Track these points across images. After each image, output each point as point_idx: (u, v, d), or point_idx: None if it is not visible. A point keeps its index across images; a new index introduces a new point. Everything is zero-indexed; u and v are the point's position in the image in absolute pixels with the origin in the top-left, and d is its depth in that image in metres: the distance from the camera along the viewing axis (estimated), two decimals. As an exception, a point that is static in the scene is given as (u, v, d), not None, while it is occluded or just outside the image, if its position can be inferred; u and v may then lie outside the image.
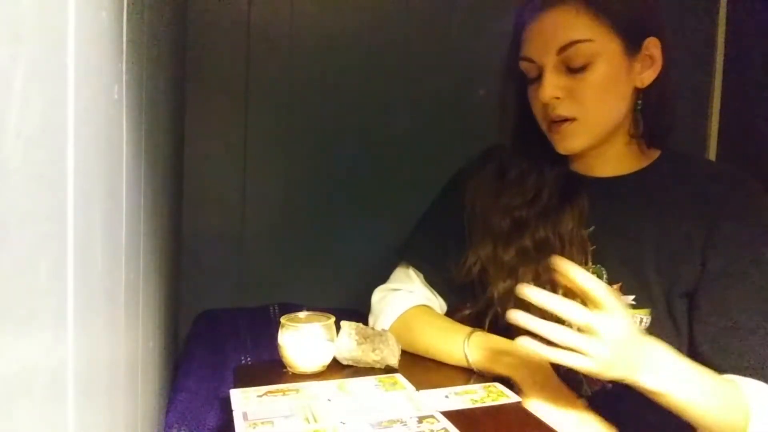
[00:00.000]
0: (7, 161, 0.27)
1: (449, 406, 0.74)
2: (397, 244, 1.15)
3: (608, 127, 0.89)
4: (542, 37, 0.85)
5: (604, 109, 0.87)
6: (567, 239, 0.89)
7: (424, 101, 1.98)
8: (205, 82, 1.80)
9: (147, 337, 0.83)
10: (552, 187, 0.94)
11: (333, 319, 0.88)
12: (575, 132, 0.87)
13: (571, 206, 0.91)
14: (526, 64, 0.88)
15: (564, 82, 0.84)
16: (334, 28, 1.91)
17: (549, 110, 0.86)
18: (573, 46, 0.83)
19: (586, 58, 0.83)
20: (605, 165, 0.93)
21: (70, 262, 0.38)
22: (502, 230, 0.94)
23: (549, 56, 0.84)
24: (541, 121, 0.90)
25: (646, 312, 0.85)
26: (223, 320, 1.65)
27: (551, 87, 0.84)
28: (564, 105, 0.85)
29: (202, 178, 1.83)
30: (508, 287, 0.90)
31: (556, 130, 0.88)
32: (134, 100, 0.64)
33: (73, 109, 0.38)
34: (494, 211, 0.96)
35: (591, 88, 0.84)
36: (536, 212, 0.93)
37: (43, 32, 0.33)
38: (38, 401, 0.33)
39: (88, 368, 0.44)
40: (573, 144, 0.88)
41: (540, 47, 0.85)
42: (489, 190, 0.98)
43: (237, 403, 0.73)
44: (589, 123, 0.86)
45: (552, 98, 0.85)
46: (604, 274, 0.88)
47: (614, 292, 0.75)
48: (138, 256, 0.71)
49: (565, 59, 0.84)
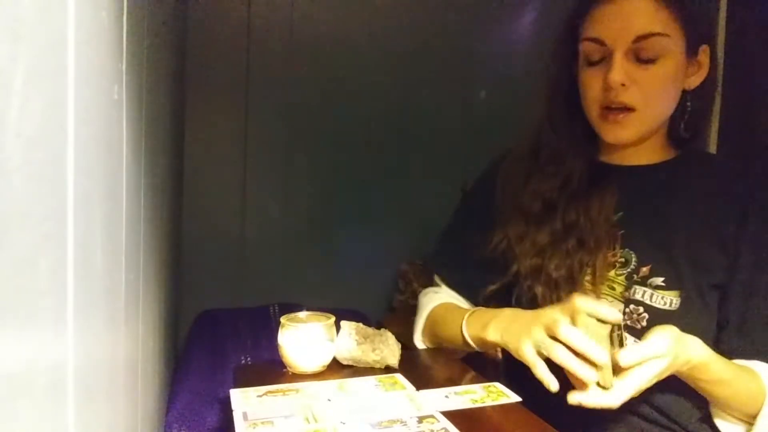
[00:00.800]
0: (7, 161, 0.27)
1: (449, 406, 0.74)
2: (397, 245, 1.16)
3: (659, 122, 0.90)
4: (619, 21, 0.85)
5: (662, 104, 0.88)
6: (596, 223, 0.90)
7: (425, 101, 1.98)
8: (205, 82, 1.80)
9: (147, 337, 0.83)
10: (582, 175, 0.94)
11: (333, 319, 0.88)
12: (631, 122, 0.87)
13: (600, 194, 0.92)
14: (592, 45, 0.87)
15: (633, 70, 0.85)
16: (333, 28, 1.91)
17: (611, 96, 0.85)
18: (651, 37, 0.83)
19: (657, 52, 0.84)
20: (637, 155, 0.94)
21: (70, 262, 0.38)
22: (532, 211, 0.95)
23: (624, 41, 0.84)
24: (591, 106, 0.89)
25: (675, 294, 0.85)
26: (223, 320, 1.65)
27: (622, 73, 0.84)
28: (628, 93, 0.85)
29: (202, 178, 1.83)
30: (535, 265, 0.92)
31: (612, 119, 0.87)
32: (134, 100, 0.64)
33: (73, 109, 0.38)
34: (525, 192, 0.97)
35: (657, 81, 0.85)
36: (566, 196, 0.94)
37: (43, 32, 0.33)
38: (38, 401, 0.33)
39: (88, 368, 0.44)
40: (625, 134, 0.88)
41: (616, 31, 0.85)
42: (520, 170, 0.99)
43: (237, 403, 0.73)
44: (646, 115, 0.87)
45: (619, 84, 0.84)
46: (633, 258, 0.89)
47: (651, 345, 0.74)
48: (138, 256, 0.71)
49: (638, 48, 0.84)
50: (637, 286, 0.87)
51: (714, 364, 0.77)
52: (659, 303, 0.85)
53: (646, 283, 0.86)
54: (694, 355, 0.76)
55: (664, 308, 0.85)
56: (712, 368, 0.77)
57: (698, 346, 0.77)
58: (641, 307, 0.86)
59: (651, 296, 0.86)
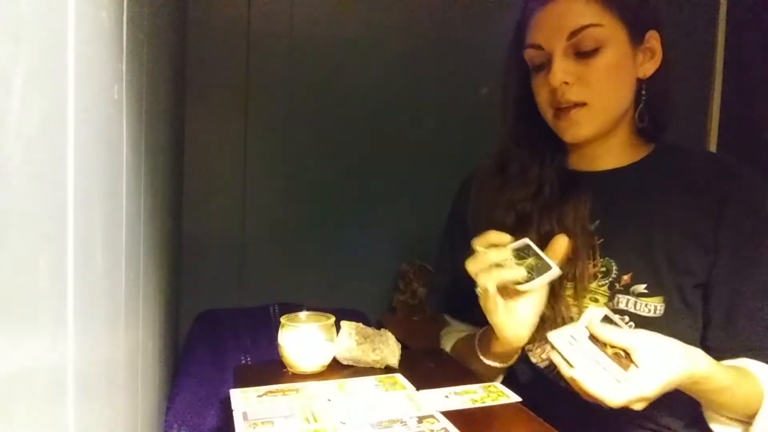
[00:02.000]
0: (7, 161, 0.27)
1: (449, 406, 0.74)
2: (398, 245, 1.16)
3: (615, 114, 0.89)
4: (552, 23, 0.86)
5: (612, 95, 0.88)
6: (572, 232, 0.89)
7: (425, 101, 1.98)
8: (205, 82, 1.80)
9: (147, 337, 0.83)
10: (553, 184, 0.94)
11: (333, 319, 0.88)
12: (584, 118, 0.87)
13: (574, 202, 0.92)
14: (533, 51, 0.89)
15: (573, 67, 0.85)
16: (333, 28, 1.91)
17: (558, 96, 0.86)
18: (584, 30, 0.84)
19: (596, 43, 0.84)
20: (606, 157, 0.93)
21: (70, 262, 0.38)
22: (506, 224, 0.94)
23: (559, 41, 0.85)
24: (546, 110, 0.90)
25: (659, 300, 0.84)
26: (223, 320, 1.65)
27: (561, 71, 0.85)
28: (574, 90, 0.85)
29: (202, 178, 1.83)
30: None
31: (564, 117, 0.87)
32: (134, 100, 0.64)
33: (73, 109, 0.38)
34: (497, 205, 0.96)
35: (600, 73, 0.85)
36: (539, 207, 0.93)
37: (43, 32, 0.33)
38: (38, 401, 0.33)
39: (88, 368, 0.44)
40: (581, 131, 0.88)
41: (550, 33, 0.86)
42: (491, 184, 0.98)
43: (237, 403, 0.73)
44: (597, 108, 0.87)
45: (562, 83, 0.85)
46: (613, 266, 0.88)
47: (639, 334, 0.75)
48: (138, 256, 0.71)
49: (575, 44, 0.84)
50: (620, 295, 0.86)
51: (716, 374, 0.75)
52: (643, 311, 0.84)
53: (628, 291, 0.86)
54: (697, 368, 0.74)
55: (648, 316, 0.84)
56: (715, 378, 0.75)
57: (701, 358, 0.75)
58: (626, 316, 0.85)
59: (635, 304, 0.85)
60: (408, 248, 1.95)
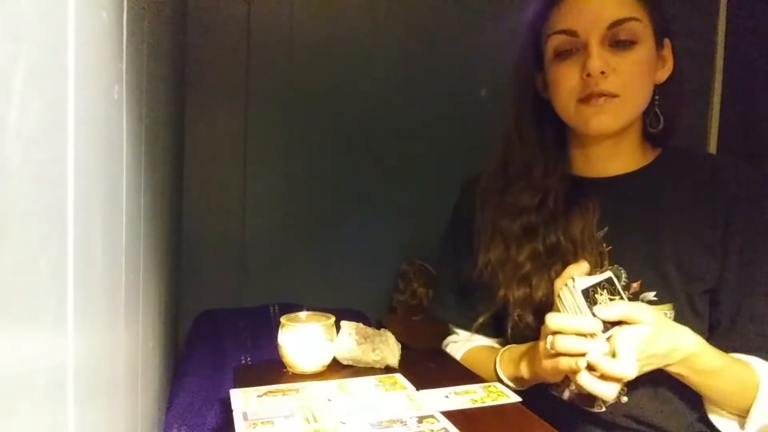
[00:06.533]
0: (7, 161, 0.27)
1: (449, 406, 0.74)
2: (398, 245, 1.15)
3: (638, 112, 0.88)
4: (591, 10, 0.84)
5: (641, 91, 0.87)
6: (579, 243, 0.88)
7: (425, 101, 1.98)
8: (205, 82, 1.80)
9: (147, 337, 0.83)
10: (558, 193, 0.92)
11: (333, 319, 0.88)
12: (614, 108, 0.84)
13: (580, 210, 0.90)
14: (563, 37, 0.86)
15: (608, 58, 0.83)
16: (333, 28, 1.91)
17: (592, 85, 0.83)
18: (626, 22, 0.83)
19: (633, 36, 0.83)
20: (613, 162, 0.92)
21: (70, 262, 0.38)
22: (513, 233, 0.92)
23: (598, 29, 0.83)
24: (568, 99, 0.87)
25: (668, 307, 0.84)
26: (223, 320, 1.65)
27: (602, 60, 0.83)
28: (608, 81, 0.83)
29: (202, 178, 1.83)
30: (524, 295, 0.90)
31: (594, 103, 0.84)
32: (134, 101, 0.64)
33: (73, 109, 0.38)
34: (503, 211, 0.95)
35: (635, 67, 0.84)
36: (544, 218, 0.92)
37: (43, 32, 0.33)
38: (38, 401, 0.33)
39: (88, 368, 0.44)
40: (608, 121, 0.85)
41: (589, 20, 0.84)
42: (495, 187, 0.97)
43: (237, 403, 0.73)
44: (627, 102, 0.85)
45: (599, 72, 0.82)
46: (623, 273, 0.87)
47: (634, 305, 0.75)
48: (138, 256, 0.71)
49: (614, 34, 0.83)
50: None
51: (705, 352, 0.76)
52: None
53: (638, 298, 0.85)
54: (683, 342, 0.75)
55: None
56: (704, 357, 0.76)
57: (687, 334, 0.76)
58: None
59: None
60: (408, 248, 1.95)
